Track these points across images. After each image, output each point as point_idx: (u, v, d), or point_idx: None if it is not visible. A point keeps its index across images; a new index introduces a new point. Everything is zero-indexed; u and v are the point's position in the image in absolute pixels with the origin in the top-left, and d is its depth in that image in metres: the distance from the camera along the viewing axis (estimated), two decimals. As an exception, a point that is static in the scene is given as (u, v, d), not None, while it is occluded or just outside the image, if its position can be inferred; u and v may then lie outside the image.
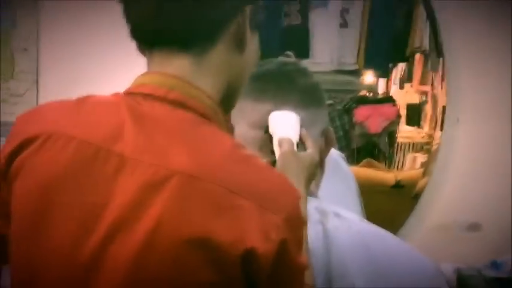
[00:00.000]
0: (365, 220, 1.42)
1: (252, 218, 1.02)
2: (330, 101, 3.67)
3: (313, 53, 3.69)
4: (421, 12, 3.66)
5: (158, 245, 1.02)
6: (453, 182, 3.45)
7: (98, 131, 1.09)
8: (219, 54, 1.15)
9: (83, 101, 1.15)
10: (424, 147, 3.75)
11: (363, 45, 3.72)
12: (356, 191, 2.21)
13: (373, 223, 1.41)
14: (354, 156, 3.73)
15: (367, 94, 3.90)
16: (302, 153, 1.32)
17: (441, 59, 3.53)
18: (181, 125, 1.09)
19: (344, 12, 3.72)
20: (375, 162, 3.73)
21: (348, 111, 3.78)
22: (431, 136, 3.69)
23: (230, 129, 1.21)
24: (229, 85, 1.18)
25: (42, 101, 3.22)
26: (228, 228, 1.01)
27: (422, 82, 3.91)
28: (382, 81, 3.97)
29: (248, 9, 1.15)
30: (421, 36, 3.74)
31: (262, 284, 1.05)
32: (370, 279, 1.27)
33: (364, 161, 3.73)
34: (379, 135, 3.76)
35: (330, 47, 3.74)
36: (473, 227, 3.41)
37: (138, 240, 1.03)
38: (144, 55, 1.18)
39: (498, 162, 3.38)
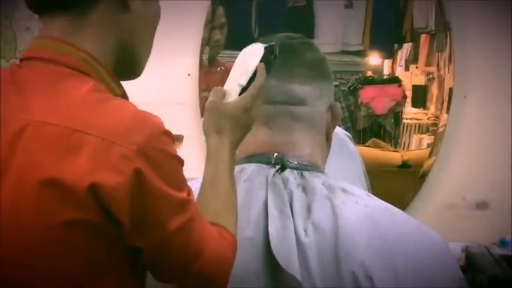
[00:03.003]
0: (372, 195, 1.41)
1: (97, 152, 1.07)
2: (336, 82, 3.66)
3: (318, 34, 3.67)
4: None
5: (22, 191, 1.10)
6: (460, 161, 3.44)
7: None
8: (101, 14, 1.22)
9: None
10: (430, 128, 3.73)
11: (368, 26, 3.70)
12: (363, 169, 2.20)
13: (380, 201, 1.40)
14: (360, 137, 3.72)
15: (373, 75, 3.87)
16: (227, 102, 1.33)
17: (448, 40, 3.51)
18: (48, 79, 1.17)
19: (349, -8, 3.71)
20: (381, 143, 3.72)
21: (353, 92, 3.76)
22: (437, 117, 3.67)
23: (120, 87, 1.26)
24: (122, 45, 1.25)
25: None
26: (72, 165, 1.07)
27: (428, 63, 3.88)
28: (387, 62, 3.94)
29: None
30: (426, 17, 3.71)
31: (129, 220, 1.09)
32: (378, 253, 1.25)
33: (370, 141, 3.72)
34: (384, 116, 3.75)
35: (335, 28, 3.72)
36: (481, 205, 3.41)
37: (10, 189, 1.10)
38: None
39: (505, 141, 3.37)
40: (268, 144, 1.39)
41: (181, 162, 1.18)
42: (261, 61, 1.34)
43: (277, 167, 1.36)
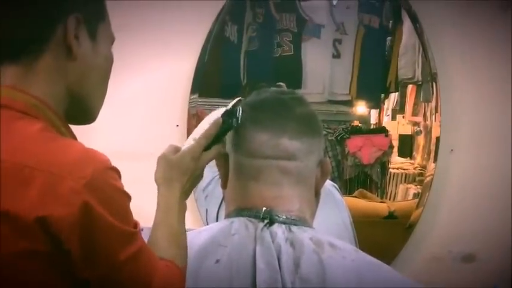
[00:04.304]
0: (359, 250, 1.41)
1: (47, 186, 1.13)
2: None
3: (306, 83, 3.69)
4: (414, 44, 3.67)
5: None
6: (447, 213, 3.44)
7: None
8: (48, 62, 1.28)
9: None
10: (416, 178, 3.74)
11: (355, 76, 3.73)
12: (349, 221, 2.20)
13: (368, 253, 1.40)
14: (347, 187, 3.72)
15: (360, 125, 3.89)
16: (173, 156, 1.40)
17: (435, 90, 3.53)
18: (1, 122, 1.22)
19: (336, 42, 3.73)
20: (368, 193, 3.72)
21: (341, 141, 3.77)
22: (423, 167, 3.67)
23: (70, 132, 1.32)
24: (71, 91, 1.31)
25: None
26: (23, 198, 1.13)
27: (415, 113, 3.91)
28: (374, 112, 3.96)
29: (73, 19, 1.25)
30: (413, 68, 3.74)
31: (79, 250, 1.14)
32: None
33: (357, 191, 3.71)
34: (371, 166, 3.75)
35: (322, 78, 3.74)
36: (468, 258, 3.40)
37: None
38: None
39: (492, 193, 3.37)
40: (257, 198, 1.39)
41: (128, 197, 1.23)
42: (222, 123, 1.41)
43: (266, 221, 1.36)
